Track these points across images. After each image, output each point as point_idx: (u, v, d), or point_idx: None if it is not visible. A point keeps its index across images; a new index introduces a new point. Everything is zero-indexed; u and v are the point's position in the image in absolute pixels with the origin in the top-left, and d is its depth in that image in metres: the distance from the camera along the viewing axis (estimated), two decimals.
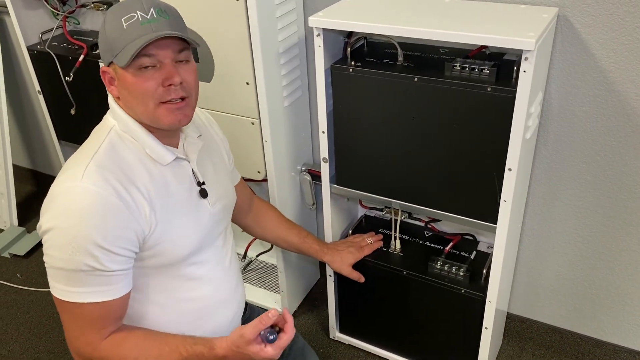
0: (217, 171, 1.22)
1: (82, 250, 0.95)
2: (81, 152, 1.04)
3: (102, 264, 0.97)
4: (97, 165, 0.99)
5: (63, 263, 0.97)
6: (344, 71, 1.37)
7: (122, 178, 1.00)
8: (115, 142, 1.04)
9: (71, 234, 0.95)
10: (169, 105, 1.02)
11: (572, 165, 1.51)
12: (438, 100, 1.29)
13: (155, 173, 1.06)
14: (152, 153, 1.06)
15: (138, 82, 0.99)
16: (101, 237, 0.95)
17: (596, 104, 1.40)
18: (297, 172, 1.82)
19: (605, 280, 1.63)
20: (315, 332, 1.94)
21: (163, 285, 1.11)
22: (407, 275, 1.57)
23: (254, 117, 1.60)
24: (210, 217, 1.15)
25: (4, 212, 2.50)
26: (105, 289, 1.00)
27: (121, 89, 1.03)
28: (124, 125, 1.05)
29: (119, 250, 0.98)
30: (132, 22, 0.97)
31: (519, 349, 1.82)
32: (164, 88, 1.00)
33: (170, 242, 1.06)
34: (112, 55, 0.99)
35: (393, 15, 1.31)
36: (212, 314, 1.18)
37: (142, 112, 1.03)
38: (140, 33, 0.97)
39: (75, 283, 0.98)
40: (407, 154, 1.40)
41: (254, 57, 1.49)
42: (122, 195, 0.98)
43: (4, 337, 2.00)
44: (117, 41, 0.98)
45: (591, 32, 1.33)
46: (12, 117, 2.64)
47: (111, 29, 0.98)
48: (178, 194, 1.09)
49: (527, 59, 1.13)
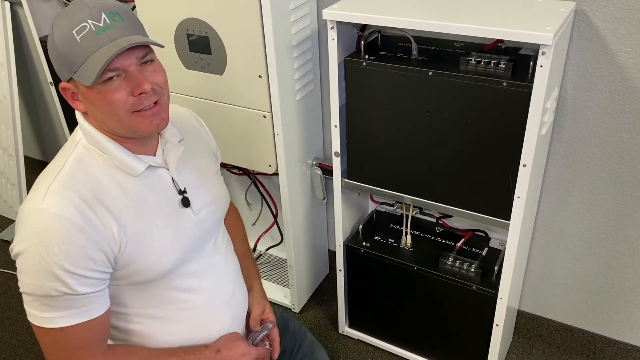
0: (204, 175, 1.15)
1: (49, 275, 0.91)
2: (47, 170, 0.98)
3: (72, 289, 0.92)
4: (60, 185, 0.93)
5: (33, 288, 0.93)
6: (358, 65, 1.36)
7: (88, 196, 0.94)
8: (82, 157, 0.98)
9: (37, 259, 0.91)
10: (143, 112, 0.96)
11: (586, 162, 1.50)
12: (452, 94, 1.28)
13: (127, 186, 0.99)
14: (121, 165, 0.99)
15: (106, 96, 0.93)
16: (66, 261, 0.91)
17: (612, 100, 1.39)
18: (308, 166, 1.81)
19: (617, 278, 1.62)
20: (324, 326, 1.94)
21: (153, 299, 1.06)
22: (417, 270, 1.57)
23: (265, 110, 1.60)
24: (195, 226, 1.08)
25: (15, 202, 2.52)
26: (81, 311, 0.95)
27: (88, 104, 0.96)
28: (90, 138, 0.99)
29: (87, 273, 0.93)
30: (85, 33, 0.89)
31: (529, 347, 1.81)
32: (135, 97, 0.94)
33: (144, 260, 1.00)
34: (71, 72, 0.92)
35: (407, 9, 1.30)
36: (209, 322, 1.13)
37: (115, 125, 0.97)
38: (98, 44, 0.90)
39: (49, 309, 0.94)
40: (419, 148, 1.39)
41: (266, 50, 1.48)
42: (87, 215, 0.92)
43: (15, 327, 2.01)
44: (73, 57, 0.90)
45: (609, 27, 1.31)
46: (23, 108, 2.65)
47: (62, 43, 0.90)
48: (154, 206, 1.02)
49: (544, 53, 1.11)
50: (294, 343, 1.34)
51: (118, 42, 0.91)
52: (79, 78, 0.92)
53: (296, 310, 1.99)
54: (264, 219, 2.07)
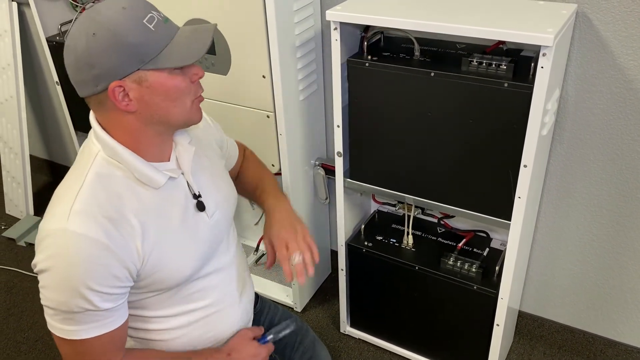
0: (214, 173, 1.15)
1: (74, 293, 0.92)
2: (66, 185, 0.97)
3: (95, 305, 0.94)
4: (83, 203, 0.92)
5: (56, 304, 0.94)
6: (361, 65, 1.38)
7: (110, 213, 0.93)
8: (102, 171, 0.96)
9: (62, 277, 0.92)
10: (196, 100, 1.00)
11: (587, 163, 1.50)
12: (454, 95, 1.29)
13: (146, 198, 0.99)
14: (142, 177, 0.98)
15: (175, 82, 0.94)
16: (92, 280, 0.92)
17: (613, 101, 1.39)
18: (311, 166, 1.83)
19: (618, 279, 1.62)
20: (325, 326, 1.95)
21: (170, 301, 1.08)
22: (419, 270, 1.58)
23: (269, 110, 1.61)
24: (209, 230, 1.09)
25: (21, 201, 2.54)
26: (102, 324, 0.97)
27: (151, 96, 0.93)
28: (110, 150, 0.97)
29: (110, 290, 0.95)
30: (156, 22, 0.91)
31: (530, 347, 1.81)
32: (193, 84, 0.98)
33: (166, 270, 1.01)
34: (142, 61, 0.90)
35: (410, 10, 1.31)
36: (221, 318, 1.16)
37: (178, 115, 0.97)
38: (172, 31, 0.94)
39: (71, 322, 0.95)
40: (421, 148, 1.40)
41: (270, 51, 1.50)
42: (111, 233, 0.93)
43: (19, 324, 2.03)
44: (150, 44, 0.90)
45: (610, 29, 1.32)
46: (29, 107, 2.67)
47: (135, 34, 0.89)
48: (173, 215, 1.03)
49: (545, 54, 1.12)
50: (295, 338, 1.35)
51: (195, 28, 0.96)
52: (156, 64, 0.91)
53: (298, 309, 2.01)
54: None
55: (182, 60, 0.93)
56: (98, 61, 0.89)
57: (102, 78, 0.90)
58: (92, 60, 0.89)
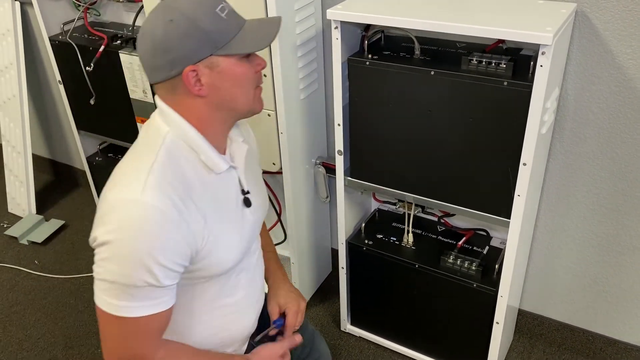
0: (257, 177, 1.19)
1: (140, 266, 0.92)
2: (137, 160, 0.99)
3: (158, 280, 0.94)
4: (157, 178, 0.94)
5: (118, 277, 0.93)
6: (361, 64, 1.39)
7: (181, 191, 0.95)
8: (172, 152, 0.98)
9: (130, 249, 0.91)
10: (258, 89, 1.03)
11: (587, 162, 1.51)
12: (454, 93, 1.29)
13: (207, 182, 1.01)
14: (208, 161, 1.01)
15: (243, 69, 0.98)
16: (161, 254, 0.92)
17: (613, 100, 1.40)
18: (312, 165, 1.83)
19: (618, 278, 1.63)
20: (326, 323, 1.96)
21: (201, 295, 1.08)
22: (419, 268, 1.58)
23: (270, 109, 1.62)
24: (250, 227, 1.12)
25: (23, 200, 2.55)
26: (158, 302, 0.97)
27: (221, 81, 0.97)
28: (181, 131, 0.99)
29: (174, 267, 0.96)
30: (227, 11, 0.96)
31: (529, 346, 1.82)
32: (256, 73, 1.01)
33: (217, 256, 1.03)
34: (215, 47, 0.94)
35: (411, 9, 1.32)
36: (242, 316, 1.17)
37: (244, 102, 1.01)
38: (240, 22, 0.98)
39: (129, 297, 0.94)
40: (422, 147, 1.41)
41: (271, 50, 1.51)
42: (181, 209, 0.94)
43: (22, 322, 2.04)
44: (223, 31, 0.95)
45: (609, 28, 1.32)
46: (32, 106, 2.69)
47: (209, 21, 0.93)
48: (227, 204, 1.06)
49: (544, 53, 1.13)
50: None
51: (261, 20, 1.00)
52: (228, 50, 0.95)
53: None
54: (268, 217, 2.07)
55: (253, 46, 0.97)
56: (174, 46, 0.93)
57: (177, 63, 0.93)
58: (168, 45, 0.93)
